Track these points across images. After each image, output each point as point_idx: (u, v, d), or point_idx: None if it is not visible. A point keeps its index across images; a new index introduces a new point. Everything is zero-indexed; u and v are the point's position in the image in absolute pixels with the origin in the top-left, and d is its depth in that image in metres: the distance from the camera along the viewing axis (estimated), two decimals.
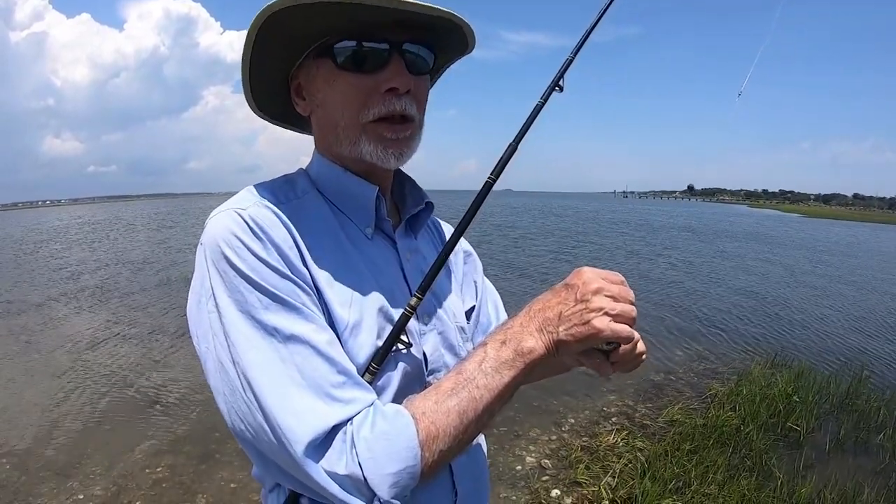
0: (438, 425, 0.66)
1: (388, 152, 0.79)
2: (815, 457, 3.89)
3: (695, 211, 65.52)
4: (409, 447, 0.64)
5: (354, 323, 0.74)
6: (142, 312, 8.24)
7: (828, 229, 35.72)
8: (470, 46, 0.87)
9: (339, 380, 0.66)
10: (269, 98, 0.89)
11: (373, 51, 0.76)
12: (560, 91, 0.92)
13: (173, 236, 22.95)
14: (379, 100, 0.77)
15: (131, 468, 3.65)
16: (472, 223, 0.83)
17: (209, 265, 0.70)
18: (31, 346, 6.70)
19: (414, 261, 0.89)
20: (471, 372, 0.70)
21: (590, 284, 0.70)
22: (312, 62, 0.80)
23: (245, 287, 0.67)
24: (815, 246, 21.62)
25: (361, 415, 0.65)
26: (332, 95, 0.79)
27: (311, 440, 0.62)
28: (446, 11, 0.75)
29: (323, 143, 0.87)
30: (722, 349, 6.50)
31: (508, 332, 0.72)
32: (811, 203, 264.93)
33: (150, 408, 4.66)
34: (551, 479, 3.50)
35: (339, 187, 0.85)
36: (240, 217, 0.71)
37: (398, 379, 0.77)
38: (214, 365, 0.69)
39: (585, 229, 26.65)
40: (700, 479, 3.33)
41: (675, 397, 4.90)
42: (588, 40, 0.98)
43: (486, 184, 0.86)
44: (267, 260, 0.69)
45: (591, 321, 0.68)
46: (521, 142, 0.88)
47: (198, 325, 0.72)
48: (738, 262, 14.96)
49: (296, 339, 0.66)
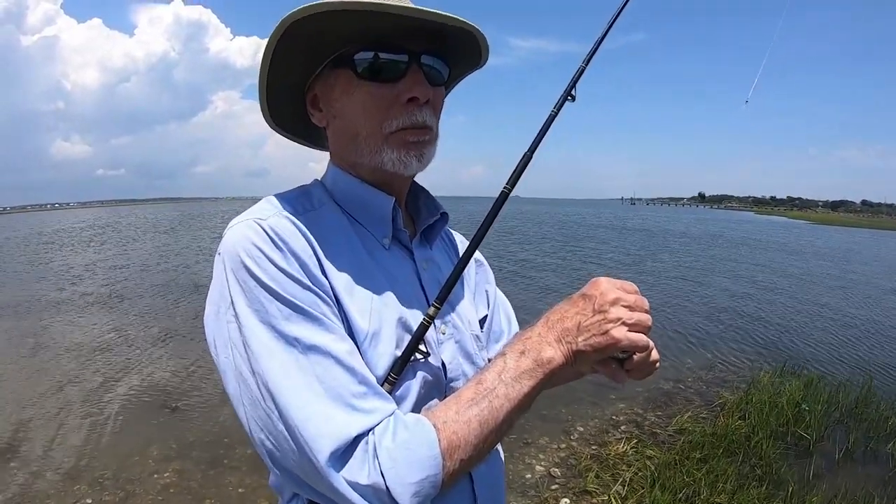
0: (460, 434, 0.66)
1: (410, 154, 0.80)
2: (824, 466, 3.86)
3: (701, 218, 65.27)
4: (431, 456, 0.64)
5: (374, 333, 0.74)
6: (150, 316, 8.28)
7: (834, 236, 35.50)
8: (483, 59, 0.88)
9: (359, 390, 0.66)
10: (282, 110, 0.90)
11: (392, 61, 0.77)
12: (573, 101, 0.93)
13: (181, 240, 23.04)
14: (401, 110, 0.78)
15: (140, 473, 3.66)
16: (488, 233, 0.83)
17: (228, 275, 0.70)
18: (39, 348, 6.73)
19: (430, 270, 0.89)
20: (491, 382, 0.70)
21: (607, 295, 0.71)
22: (330, 72, 0.81)
23: (265, 297, 0.67)
24: (822, 253, 21.51)
25: (382, 424, 0.65)
26: (351, 105, 0.80)
27: (333, 450, 0.62)
28: (469, 24, 0.76)
29: (340, 153, 0.87)
30: (731, 358, 6.47)
31: (527, 343, 0.73)
32: (819, 210, 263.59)
33: (159, 412, 4.68)
34: (561, 487, 3.49)
35: (355, 198, 0.85)
36: (260, 227, 0.72)
37: (417, 388, 0.78)
38: (234, 375, 0.69)
39: (595, 235, 26.58)
40: (710, 489, 3.31)
41: (684, 406, 4.88)
42: (599, 49, 0.98)
43: (501, 193, 0.86)
44: (287, 270, 0.69)
45: (610, 331, 0.68)
46: (536, 151, 0.89)
47: (216, 334, 0.72)
48: (745, 270, 14.91)
49: (316, 350, 0.66)
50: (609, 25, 1.01)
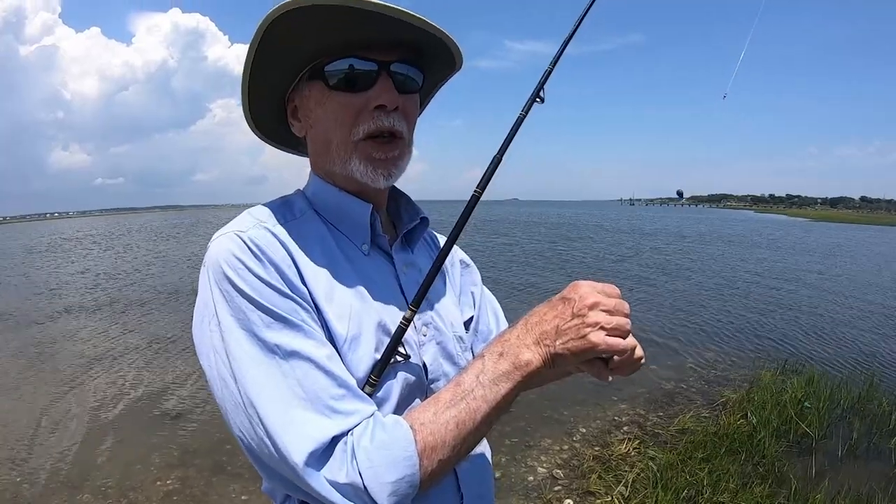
0: (437, 436, 0.68)
1: (378, 172, 0.82)
2: (827, 463, 3.86)
3: (698, 217, 65.31)
4: (407, 457, 0.66)
5: (353, 337, 0.76)
6: (152, 325, 8.28)
7: (834, 233, 35.52)
8: (458, 64, 0.90)
9: (339, 392, 0.69)
10: (266, 120, 0.93)
11: (362, 71, 0.79)
12: (541, 102, 0.95)
13: (182, 249, 23.05)
14: (368, 117, 0.80)
15: (142, 480, 3.66)
16: (461, 234, 0.87)
17: (212, 286, 0.73)
18: (41, 357, 6.75)
19: (410, 274, 0.91)
20: (469, 384, 0.71)
21: (586, 299, 0.71)
22: (305, 84, 0.84)
23: (247, 306, 0.70)
24: (821, 250, 21.52)
25: (361, 426, 0.67)
26: (324, 115, 0.82)
27: (311, 451, 0.64)
28: (436, 27, 0.78)
29: (318, 162, 0.90)
30: (732, 356, 6.47)
31: (505, 345, 0.73)
32: (818, 207, 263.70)
33: (161, 420, 4.68)
34: (563, 488, 3.49)
35: (334, 206, 0.88)
36: (240, 239, 0.74)
37: (399, 389, 0.79)
38: (217, 382, 0.71)
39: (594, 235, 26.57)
40: (713, 488, 3.31)
41: (686, 405, 4.88)
42: (564, 53, 1.00)
43: (472, 196, 0.88)
44: (267, 280, 0.71)
45: (588, 336, 0.69)
46: (506, 154, 0.91)
47: (201, 342, 0.74)
48: (747, 268, 14.92)
49: (297, 355, 0.69)
50: (574, 28, 1.04)
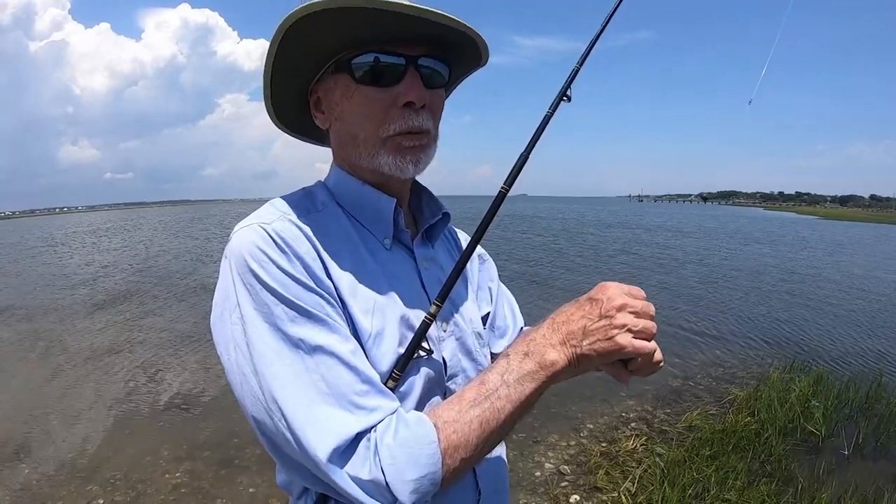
0: (460, 434, 0.67)
1: (406, 159, 0.81)
2: (834, 462, 3.84)
3: (707, 214, 64.93)
4: (430, 454, 0.65)
5: (377, 332, 0.76)
6: (161, 318, 8.33)
7: (845, 231, 35.22)
8: (483, 59, 0.89)
9: (363, 388, 0.68)
10: (288, 110, 0.92)
11: (389, 65, 0.78)
12: (568, 101, 0.94)
13: (192, 243, 23.14)
14: (398, 115, 0.79)
15: (151, 473, 3.69)
16: (487, 231, 0.85)
17: (235, 278, 0.72)
18: (50, 350, 6.80)
19: (431, 269, 0.91)
20: (494, 383, 0.71)
21: (614, 300, 0.71)
22: (331, 77, 0.83)
23: (271, 300, 0.69)
24: (832, 249, 21.35)
25: (385, 422, 0.67)
26: (350, 109, 0.81)
27: (335, 447, 0.64)
28: (462, 24, 0.77)
29: (341, 155, 0.89)
30: (740, 354, 6.44)
31: (531, 344, 0.73)
32: (828, 205, 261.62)
33: (170, 413, 4.72)
34: (570, 484, 3.49)
35: (357, 200, 0.87)
36: (264, 231, 0.73)
37: (421, 385, 0.79)
38: (237, 375, 0.71)
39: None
40: (719, 485, 3.31)
41: (693, 402, 4.87)
42: (594, 49, 0.99)
43: (499, 193, 0.87)
44: (292, 273, 0.71)
45: (615, 338, 0.69)
46: (532, 151, 0.90)
47: (221, 335, 0.73)
48: (755, 266, 14.82)
49: (321, 350, 0.68)
50: (602, 27, 1.03)
